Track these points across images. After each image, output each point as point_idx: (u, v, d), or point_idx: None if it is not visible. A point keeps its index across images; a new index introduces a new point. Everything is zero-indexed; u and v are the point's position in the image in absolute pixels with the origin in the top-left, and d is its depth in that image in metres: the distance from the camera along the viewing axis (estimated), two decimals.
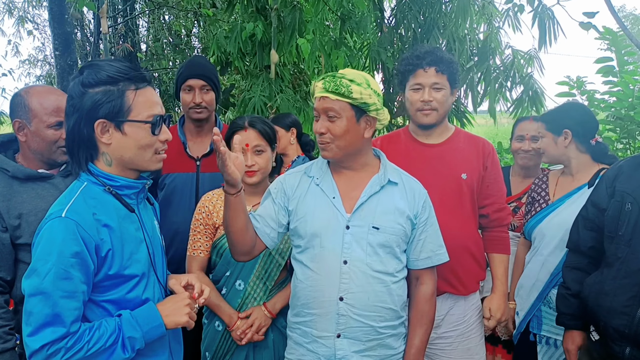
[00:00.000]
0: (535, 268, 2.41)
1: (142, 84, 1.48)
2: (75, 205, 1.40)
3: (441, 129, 2.23)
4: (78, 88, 1.43)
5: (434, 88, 2.13)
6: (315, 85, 1.77)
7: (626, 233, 1.77)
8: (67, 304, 1.34)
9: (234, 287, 2.15)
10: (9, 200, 1.88)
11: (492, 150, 2.26)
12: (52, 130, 1.94)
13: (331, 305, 1.75)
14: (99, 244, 1.39)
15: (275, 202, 1.85)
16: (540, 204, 2.47)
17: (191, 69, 2.54)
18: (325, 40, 4.44)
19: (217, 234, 2.18)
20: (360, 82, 1.72)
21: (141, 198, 1.60)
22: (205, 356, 2.21)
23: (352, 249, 1.74)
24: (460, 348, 2.24)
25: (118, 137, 1.45)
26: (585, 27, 3.41)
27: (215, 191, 2.24)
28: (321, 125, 1.75)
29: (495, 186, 2.25)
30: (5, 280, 1.88)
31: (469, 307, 2.26)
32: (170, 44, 7.99)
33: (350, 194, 1.80)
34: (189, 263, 2.20)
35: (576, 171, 2.39)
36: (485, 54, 4.23)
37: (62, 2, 4.92)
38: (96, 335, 1.38)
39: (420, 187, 1.87)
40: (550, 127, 2.38)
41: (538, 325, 2.41)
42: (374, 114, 1.76)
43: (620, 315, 1.74)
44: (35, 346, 1.32)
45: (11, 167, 1.92)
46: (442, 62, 2.12)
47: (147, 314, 1.47)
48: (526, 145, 2.76)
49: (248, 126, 2.12)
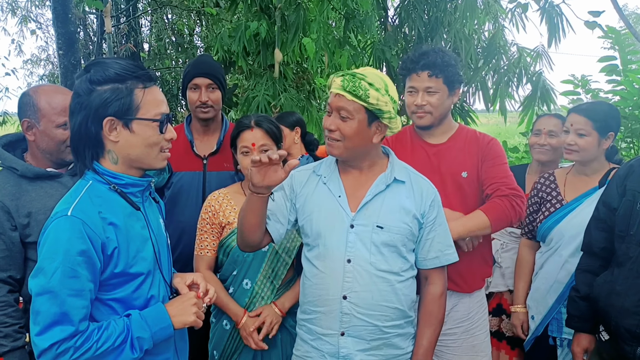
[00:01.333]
0: (553, 270, 2.37)
1: (149, 82, 1.48)
2: (81, 204, 1.40)
3: (443, 128, 2.24)
4: (86, 85, 1.42)
5: (427, 92, 2.14)
6: (334, 80, 1.75)
7: (637, 232, 1.76)
8: (74, 302, 1.34)
9: (241, 286, 2.15)
10: (18, 199, 1.89)
11: (489, 142, 2.23)
12: (61, 130, 1.94)
13: (335, 303, 1.75)
14: (105, 242, 1.39)
15: (287, 197, 1.86)
16: (552, 204, 2.44)
17: (198, 67, 2.53)
18: (329, 39, 4.44)
19: (223, 233, 2.18)
20: (379, 88, 1.70)
21: (146, 196, 1.60)
22: (214, 355, 2.21)
23: (356, 248, 1.74)
24: (465, 345, 2.23)
25: (126, 135, 1.45)
26: (591, 26, 3.40)
27: (222, 190, 2.25)
28: (332, 122, 1.74)
29: (492, 171, 2.18)
30: (15, 279, 1.89)
31: (473, 304, 2.25)
32: (173, 43, 7.99)
33: (356, 193, 1.80)
34: (197, 262, 2.20)
35: (593, 171, 2.36)
36: (492, 52, 4.22)
37: (66, 2, 4.91)
38: (105, 334, 1.38)
39: (429, 186, 1.85)
40: (598, 127, 2.32)
41: (558, 329, 2.35)
42: (386, 121, 1.74)
43: (632, 315, 1.74)
44: (44, 345, 1.32)
45: (20, 166, 1.92)
46: (435, 65, 2.11)
47: (156, 314, 1.47)
48: (542, 139, 2.68)
49: (254, 125, 2.12)
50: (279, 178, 1.63)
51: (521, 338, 2.55)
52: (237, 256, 2.14)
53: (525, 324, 2.51)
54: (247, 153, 2.10)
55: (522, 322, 2.51)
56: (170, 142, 1.54)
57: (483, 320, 2.29)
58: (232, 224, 2.15)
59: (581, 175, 2.41)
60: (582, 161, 2.38)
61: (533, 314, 2.45)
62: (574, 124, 2.36)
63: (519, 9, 4.15)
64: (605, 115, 2.34)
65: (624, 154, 4.21)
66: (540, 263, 2.47)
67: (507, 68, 4.22)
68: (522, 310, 2.52)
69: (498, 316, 2.72)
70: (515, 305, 2.55)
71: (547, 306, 2.38)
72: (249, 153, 2.10)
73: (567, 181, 2.45)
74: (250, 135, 2.10)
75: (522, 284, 2.55)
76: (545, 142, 2.67)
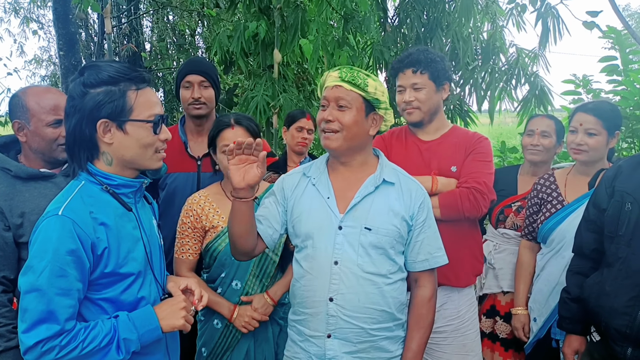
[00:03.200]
0: (555, 271, 2.35)
1: (142, 84, 1.50)
2: (72, 204, 1.41)
3: (435, 125, 2.30)
4: (79, 88, 1.44)
5: (414, 88, 2.22)
6: (329, 75, 1.77)
7: (626, 233, 1.75)
8: (61, 301, 1.35)
9: (231, 286, 2.16)
10: (11, 199, 1.90)
11: (478, 139, 2.28)
12: (51, 129, 1.95)
13: (322, 305, 1.75)
14: (95, 242, 1.40)
15: (279, 203, 1.86)
16: (553, 204, 2.42)
17: (190, 65, 2.56)
18: (328, 40, 4.43)
19: (207, 237, 2.17)
20: (375, 79, 1.76)
21: (139, 197, 1.61)
22: (202, 352, 2.22)
23: (343, 249, 1.73)
24: (455, 344, 2.25)
25: (120, 137, 1.46)
26: (589, 26, 3.40)
27: (201, 192, 2.23)
28: (330, 112, 1.75)
29: (470, 165, 2.22)
30: (9, 279, 1.89)
31: (463, 302, 2.26)
32: (174, 43, 8.00)
33: (345, 194, 1.80)
34: (178, 265, 2.20)
35: (595, 172, 2.34)
36: (490, 53, 4.21)
37: (67, 3, 4.93)
38: (91, 334, 1.39)
39: (418, 188, 1.84)
40: (607, 126, 2.31)
41: (561, 331, 2.30)
42: (382, 112, 1.79)
43: (621, 315, 1.73)
44: (30, 342, 1.33)
45: (13, 166, 1.93)
46: (419, 62, 2.20)
47: (144, 316, 1.48)
48: (535, 140, 2.65)
49: (235, 124, 2.12)
50: (258, 174, 1.64)
51: (522, 340, 2.53)
52: (224, 259, 2.14)
53: (526, 326, 2.49)
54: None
55: (523, 324, 2.49)
56: (165, 142, 1.55)
57: (473, 320, 2.30)
58: (216, 227, 2.15)
59: (583, 175, 2.39)
60: (589, 161, 2.36)
61: (535, 316, 2.43)
62: (583, 124, 2.33)
63: (517, 9, 4.14)
64: (612, 114, 2.33)
65: (625, 154, 4.19)
66: (542, 265, 2.45)
67: (505, 69, 4.21)
68: (523, 313, 2.50)
69: (492, 318, 2.71)
70: (516, 308, 2.53)
71: (549, 308, 2.37)
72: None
73: (568, 182, 2.43)
74: (231, 134, 2.10)
75: (522, 285, 2.52)
76: (538, 142, 2.65)
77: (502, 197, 2.71)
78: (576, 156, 2.38)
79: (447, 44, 4.28)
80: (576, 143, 2.34)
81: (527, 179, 2.72)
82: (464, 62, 4.15)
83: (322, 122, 1.76)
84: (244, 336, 2.16)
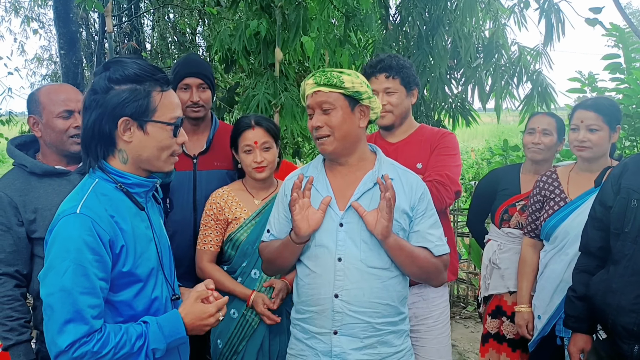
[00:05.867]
0: (559, 269, 2.36)
1: (166, 86, 1.49)
2: (88, 202, 1.40)
3: (403, 128, 2.41)
4: (104, 83, 1.43)
5: (387, 93, 2.32)
6: (306, 83, 1.80)
7: (632, 230, 1.76)
8: (87, 300, 1.33)
9: (250, 276, 2.25)
10: (25, 195, 1.94)
11: (443, 134, 2.36)
12: (61, 120, 2.00)
13: (327, 302, 1.77)
14: (113, 240, 1.39)
15: (286, 210, 1.88)
16: (556, 202, 2.42)
17: (188, 67, 2.53)
18: (329, 38, 4.42)
19: (229, 228, 2.27)
20: (349, 73, 1.77)
21: (149, 197, 1.61)
22: (217, 343, 2.26)
23: (346, 246, 1.76)
24: (428, 346, 2.28)
25: (139, 136, 1.46)
26: (592, 23, 3.39)
27: (225, 188, 2.35)
28: (317, 119, 1.78)
29: (435, 159, 2.28)
30: (22, 274, 1.93)
31: (437, 303, 2.31)
32: (175, 42, 7.98)
33: (344, 192, 1.82)
34: (200, 256, 2.29)
35: (599, 167, 2.35)
36: (492, 51, 4.19)
37: (67, 2, 4.93)
38: (123, 339, 1.37)
39: (417, 180, 1.88)
40: (608, 121, 2.32)
41: (566, 328, 2.30)
42: (366, 102, 1.80)
43: (628, 313, 1.74)
44: (62, 345, 1.31)
45: (29, 163, 1.99)
46: (391, 68, 2.30)
47: (173, 325, 1.47)
48: (536, 138, 2.65)
49: (255, 124, 2.25)
50: (321, 217, 1.73)
51: (525, 339, 2.53)
52: (246, 249, 2.23)
53: (530, 323, 2.49)
54: (249, 151, 2.23)
55: (526, 322, 2.50)
56: (181, 146, 1.55)
57: (446, 324, 2.33)
58: (239, 219, 2.25)
59: (585, 172, 2.39)
60: (592, 157, 2.36)
61: (539, 314, 2.43)
62: (584, 120, 2.33)
63: (520, 5, 4.12)
64: (612, 109, 2.34)
65: (627, 153, 4.18)
66: (545, 262, 2.45)
67: (507, 67, 4.19)
68: (526, 310, 2.50)
69: (498, 318, 2.70)
70: (520, 305, 2.53)
71: (553, 306, 2.37)
72: (251, 151, 2.22)
73: (571, 178, 2.43)
74: (252, 134, 2.23)
75: (525, 283, 2.53)
76: (539, 140, 2.65)
77: (506, 196, 2.71)
78: (580, 153, 2.37)
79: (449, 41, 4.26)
80: (579, 140, 2.34)
81: (529, 177, 2.71)
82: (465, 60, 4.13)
83: (313, 129, 1.79)
84: (259, 326, 2.22)
